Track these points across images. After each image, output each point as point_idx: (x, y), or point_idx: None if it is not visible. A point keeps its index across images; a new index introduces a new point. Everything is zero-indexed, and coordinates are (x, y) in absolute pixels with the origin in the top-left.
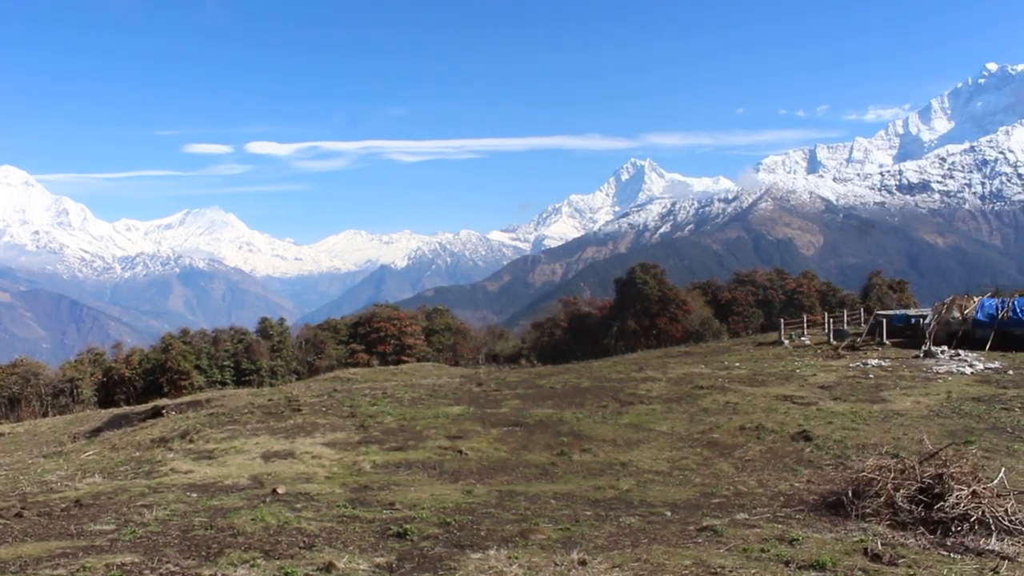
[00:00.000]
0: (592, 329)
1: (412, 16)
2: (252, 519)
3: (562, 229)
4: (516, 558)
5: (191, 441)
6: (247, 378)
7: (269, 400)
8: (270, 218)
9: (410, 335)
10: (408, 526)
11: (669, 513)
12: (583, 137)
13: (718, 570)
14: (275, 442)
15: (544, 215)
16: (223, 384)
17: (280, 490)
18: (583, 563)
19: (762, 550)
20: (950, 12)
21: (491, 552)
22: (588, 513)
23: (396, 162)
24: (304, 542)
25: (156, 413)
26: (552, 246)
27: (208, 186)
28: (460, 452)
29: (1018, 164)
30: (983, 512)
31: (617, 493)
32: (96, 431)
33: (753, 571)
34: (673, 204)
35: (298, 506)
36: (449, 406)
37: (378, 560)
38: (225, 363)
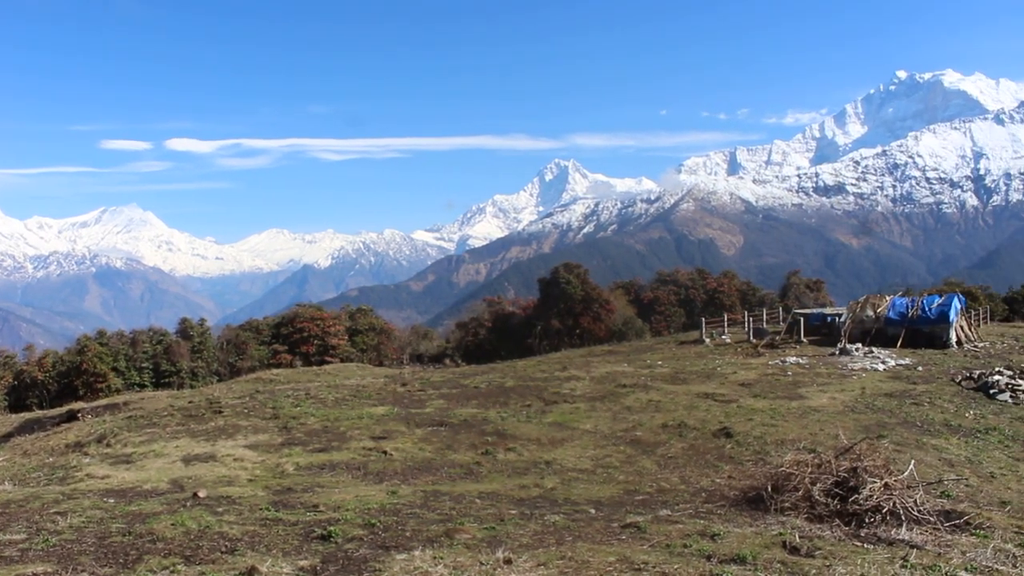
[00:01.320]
0: (516, 329)
1: (338, 11)
2: (172, 524)
3: (486, 229)
4: (441, 558)
5: (108, 445)
6: (167, 380)
7: (190, 402)
8: (190, 217)
9: (334, 335)
10: (332, 528)
11: (593, 511)
12: (509, 137)
13: (642, 566)
14: (196, 445)
15: (468, 215)
16: (142, 386)
17: (201, 494)
18: (508, 562)
19: (684, 545)
20: (865, 21)
21: (416, 553)
22: (513, 512)
23: (320, 160)
24: (226, 546)
25: (71, 417)
26: (476, 246)
27: (126, 183)
28: (385, 453)
29: (926, 169)
30: (894, 504)
31: (542, 491)
32: (6, 436)
33: (676, 566)
34: (596, 204)
35: (220, 510)
36: (373, 406)
37: (302, 563)
38: (144, 365)
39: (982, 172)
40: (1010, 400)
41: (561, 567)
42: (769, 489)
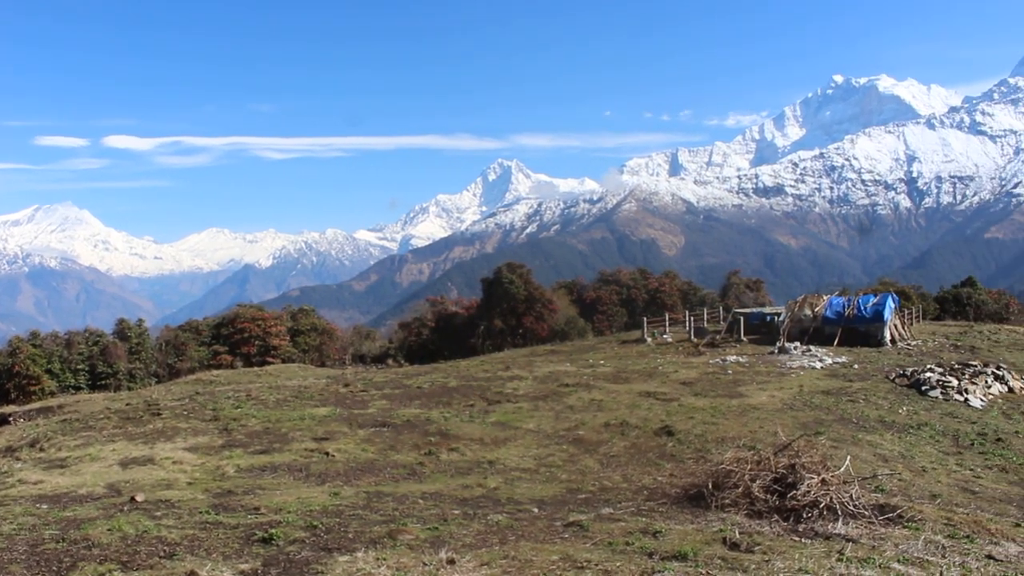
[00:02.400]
0: (459, 328)
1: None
2: (108, 529)
3: (429, 229)
4: (384, 559)
5: (41, 449)
6: (103, 382)
7: (127, 404)
8: (128, 215)
9: (275, 336)
10: (274, 531)
11: (536, 510)
12: (454, 137)
13: (584, 564)
14: (133, 448)
15: (412, 214)
16: (77, 389)
17: (139, 498)
18: (452, 562)
19: (627, 543)
20: (804, 26)
21: (359, 554)
22: (456, 512)
23: (263, 159)
24: (164, 551)
25: (2, 421)
26: (419, 246)
27: (61, 181)
28: (327, 454)
29: (862, 171)
30: (831, 499)
31: (485, 491)
32: None
33: (618, 564)
34: (539, 204)
35: (158, 514)
36: (315, 407)
37: (242, 567)
38: (79, 367)
39: (915, 175)
40: (941, 397)
41: (504, 566)
42: (710, 486)
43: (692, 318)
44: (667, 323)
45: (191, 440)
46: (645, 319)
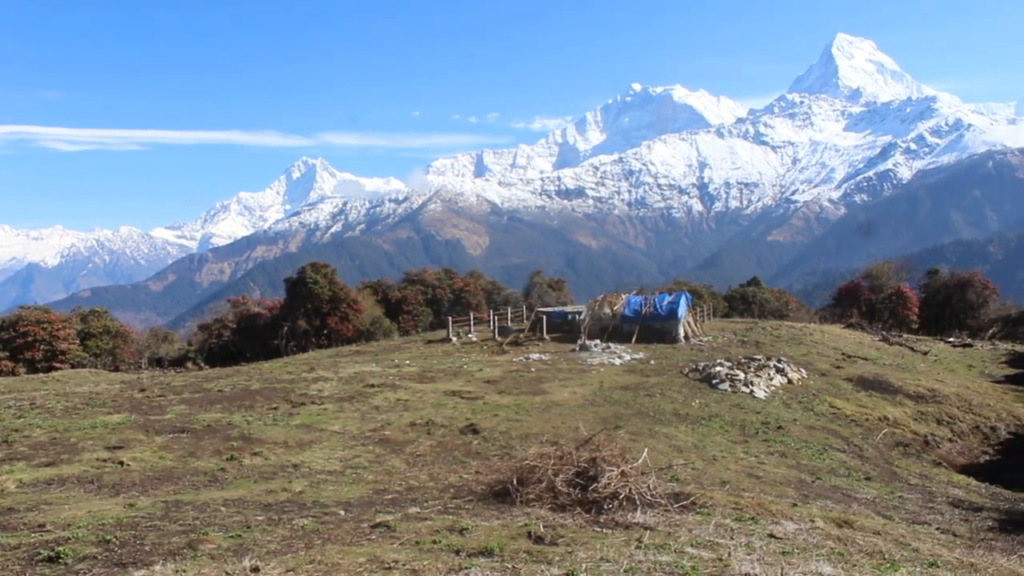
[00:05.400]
0: (262, 330)
1: None
2: None
3: (231, 227)
4: (184, 571)
5: None
6: None
7: None
8: None
9: (63, 339)
10: (61, 548)
11: (343, 512)
12: (259, 133)
13: (392, 565)
14: None
15: (212, 212)
16: None
17: None
18: (256, 570)
19: (434, 542)
20: (607, 34)
21: (156, 567)
22: (260, 518)
23: (50, 151)
24: None
25: None
26: (220, 244)
27: None
28: (121, 463)
29: (658, 175)
30: (630, 490)
31: (290, 495)
32: None
33: (426, 563)
34: (344, 204)
35: None
36: (108, 414)
37: None
38: None
39: (706, 180)
40: (729, 389)
41: (311, 571)
42: (515, 482)
43: (496, 317)
44: (472, 322)
45: None
46: (450, 319)
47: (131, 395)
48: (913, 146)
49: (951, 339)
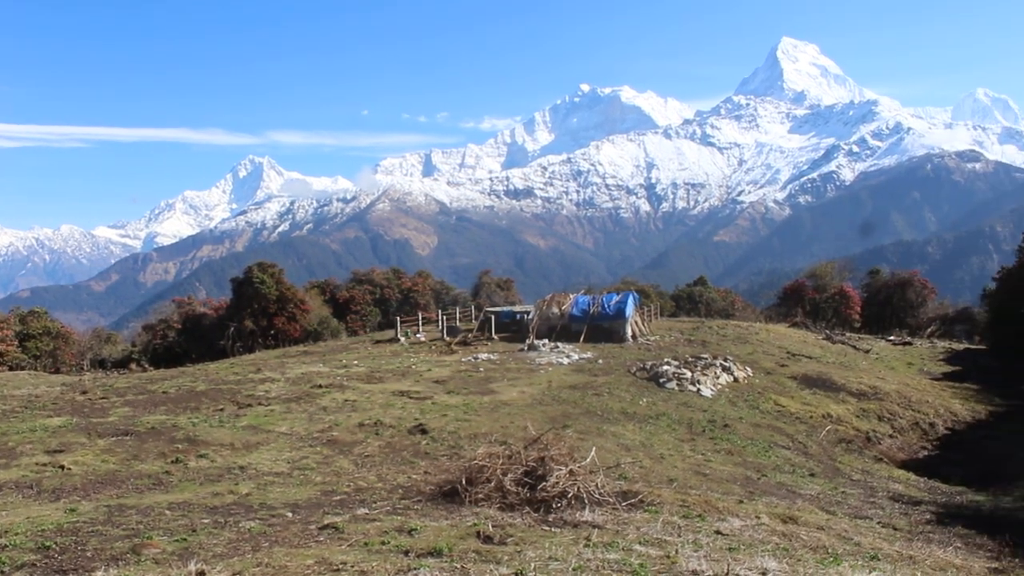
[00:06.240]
0: (208, 330)
1: None
2: None
3: (176, 226)
4: None
5: None
6: None
7: None
8: None
9: (1, 341)
10: None
11: (290, 514)
12: (205, 131)
13: (340, 566)
14: None
15: (157, 211)
16: None
17: None
18: (201, 574)
19: (382, 543)
20: (556, 34)
21: (98, 574)
22: (206, 521)
23: None
24: None
25: None
26: (165, 244)
27: None
28: (62, 467)
29: (606, 176)
30: (578, 488)
31: (236, 498)
32: None
33: (374, 564)
34: (292, 203)
35: None
36: (48, 418)
37: None
38: None
39: (654, 181)
40: (676, 388)
41: (258, 574)
42: (464, 482)
43: (445, 317)
44: (420, 322)
45: None
46: (399, 318)
47: (72, 397)
48: (855, 148)
49: (892, 337)
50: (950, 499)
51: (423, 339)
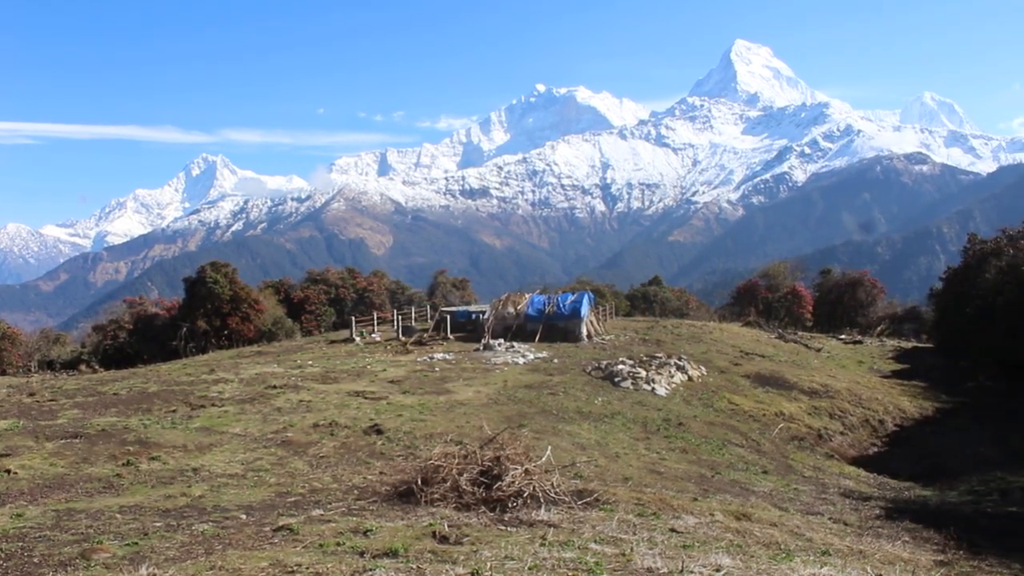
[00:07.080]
0: (160, 331)
1: None
2: None
3: (127, 225)
4: None
5: None
6: None
7: None
8: None
9: None
10: None
11: (244, 516)
12: (157, 128)
13: (295, 568)
14: None
15: (107, 209)
16: None
17: None
18: None
19: (338, 544)
20: (512, 34)
21: None
22: (158, 524)
23: None
24: None
25: None
26: (116, 243)
27: None
28: (8, 472)
29: (561, 176)
30: (534, 487)
31: (189, 500)
32: None
33: (330, 565)
34: (246, 202)
35: None
36: None
37: None
38: None
39: (609, 181)
40: (631, 387)
41: None
42: (419, 482)
43: (400, 317)
44: (376, 322)
45: None
46: (354, 319)
47: (19, 400)
48: (807, 150)
49: (843, 336)
50: (899, 494)
51: (378, 339)
